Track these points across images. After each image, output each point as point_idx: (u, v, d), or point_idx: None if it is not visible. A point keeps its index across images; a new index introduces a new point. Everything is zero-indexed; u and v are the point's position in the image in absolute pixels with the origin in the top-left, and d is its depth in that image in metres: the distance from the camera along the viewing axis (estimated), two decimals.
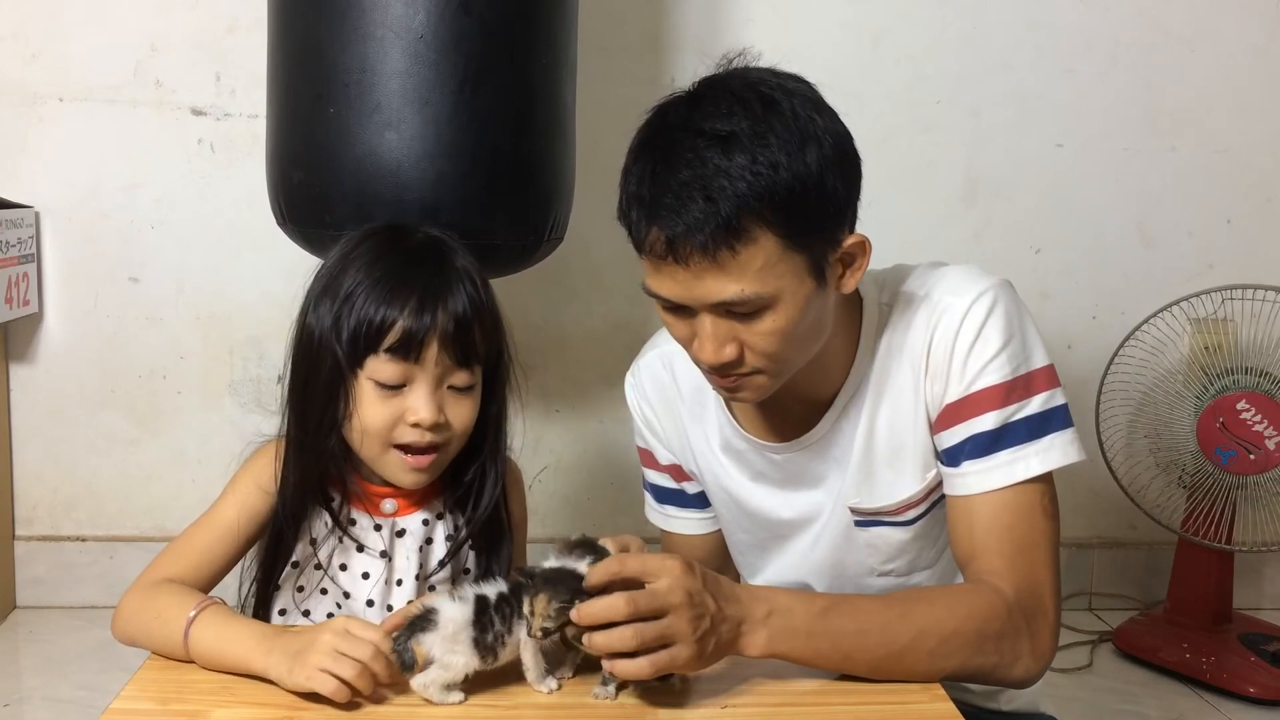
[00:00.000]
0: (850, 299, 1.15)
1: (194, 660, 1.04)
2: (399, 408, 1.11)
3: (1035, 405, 1.11)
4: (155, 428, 2.47)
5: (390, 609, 1.16)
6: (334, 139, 1.62)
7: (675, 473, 1.36)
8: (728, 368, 1.07)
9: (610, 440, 2.52)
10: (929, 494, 1.18)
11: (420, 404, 1.10)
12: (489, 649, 0.96)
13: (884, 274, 1.20)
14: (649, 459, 1.38)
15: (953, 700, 1.00)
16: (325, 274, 1.16)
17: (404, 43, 1.57)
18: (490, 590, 0.98)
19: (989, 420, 1.10)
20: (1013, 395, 1.10)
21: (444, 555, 1.20)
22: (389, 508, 1.19)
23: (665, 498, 1.38)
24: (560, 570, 0.97)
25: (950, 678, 1.04)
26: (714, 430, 1.27)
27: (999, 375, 1.10)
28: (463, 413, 1.14)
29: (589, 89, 1.93)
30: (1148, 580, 2.67)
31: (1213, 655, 2.28)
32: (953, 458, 1.12)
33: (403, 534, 1.19)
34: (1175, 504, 2.36)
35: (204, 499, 1.23)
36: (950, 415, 1.12)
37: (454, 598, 0.98)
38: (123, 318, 2.42)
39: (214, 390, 2.46)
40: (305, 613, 1.18)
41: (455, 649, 0.95)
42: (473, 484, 1.20)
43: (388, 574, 1.18)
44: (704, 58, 1.11)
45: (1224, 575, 2.36)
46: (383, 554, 1.18)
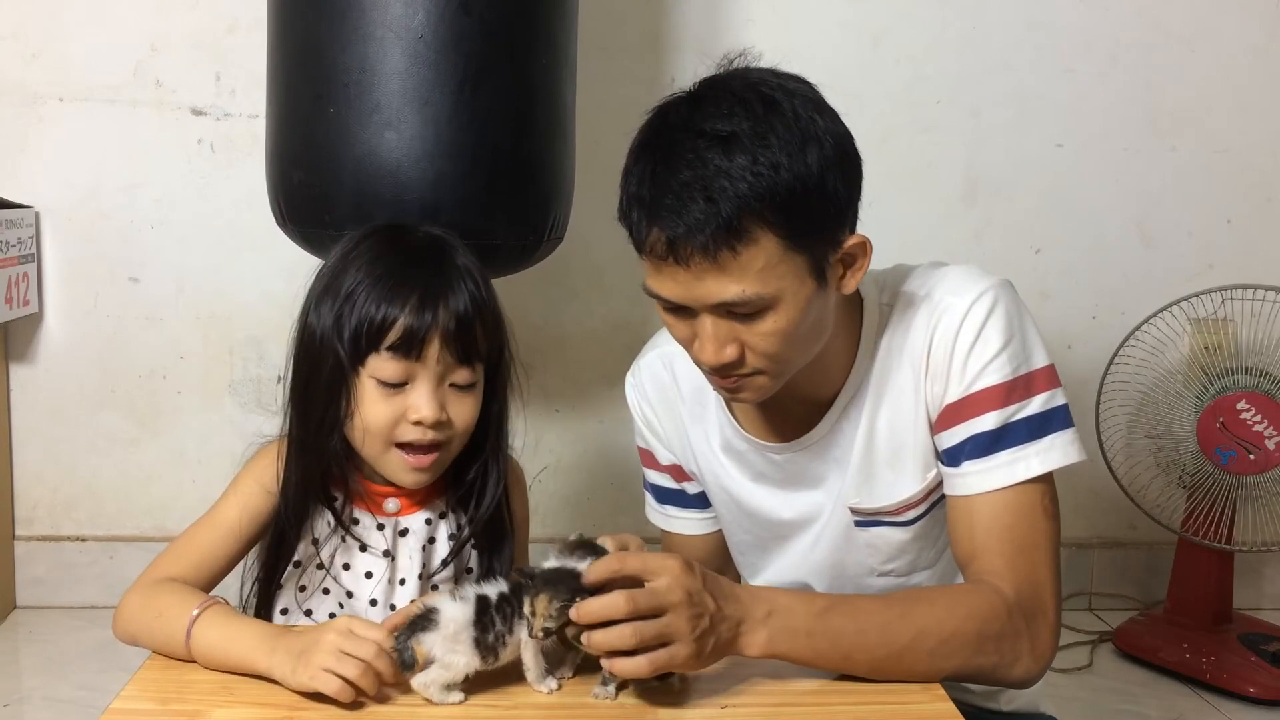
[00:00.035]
0: (851, 299, 1.15)
1: (195, 659, 1.03)
2: (401, 406, 1.11)
3: (1036, 405, 1.11)
4: (155, 428, 2.47)
5: (393, 608, 1.16)
6: (334, 139, 1.62)
7: (675, 473, 1.36)
8: (728, 368, 1.07)
9: (610, 440, 2.52)
10: (929, 494, 1.18)
11: (422, 402, 1.10)
12: (490, 649, 0.96)
13: (884, 274, 1.20)
14: (649, 459, 1.37)
15: (953, 700, 1.00)
16: (326, 273, 1.16)
17: (404, 43, 1.57)
18: (491, 590, 0.98)
19: (989, 420, 1.10)
20: (1013, 395, 1.10)
21: (447, 554, 1.20)
22: (392, 507, 1.19)
23: (666, 498, 1.38)
24: (560, 570, 0.97)
25: (950, 678, 1.04)
26: (714, 430, 1.27)
27: (999, 375, 1.10)
28: (464, 411, 1.14)
29: (589, 89, 1.93)
30: (1148, 580, 2.66)
31: (1213, 655, 2.28)
32: (953, 458, 1.12)
33: (405, 533, 1.19)
34: (1175, 504, 2.36)
35: (204, 499, 1.23)
36: (950, 415, 1.12)
37: (455, 597, 0.98)
38: (123, 318, 2.42)
39: (214, 390, 2.46)
40: (307, 612, 1.18)
41: (456, 649, 0.95)
42: (475, 483, 1.19)
43: (391, 573, 1.18)
44: (704, 58, 1.11)
45: (1224, 575, 2.36)
46: (385, 553, 1.18)
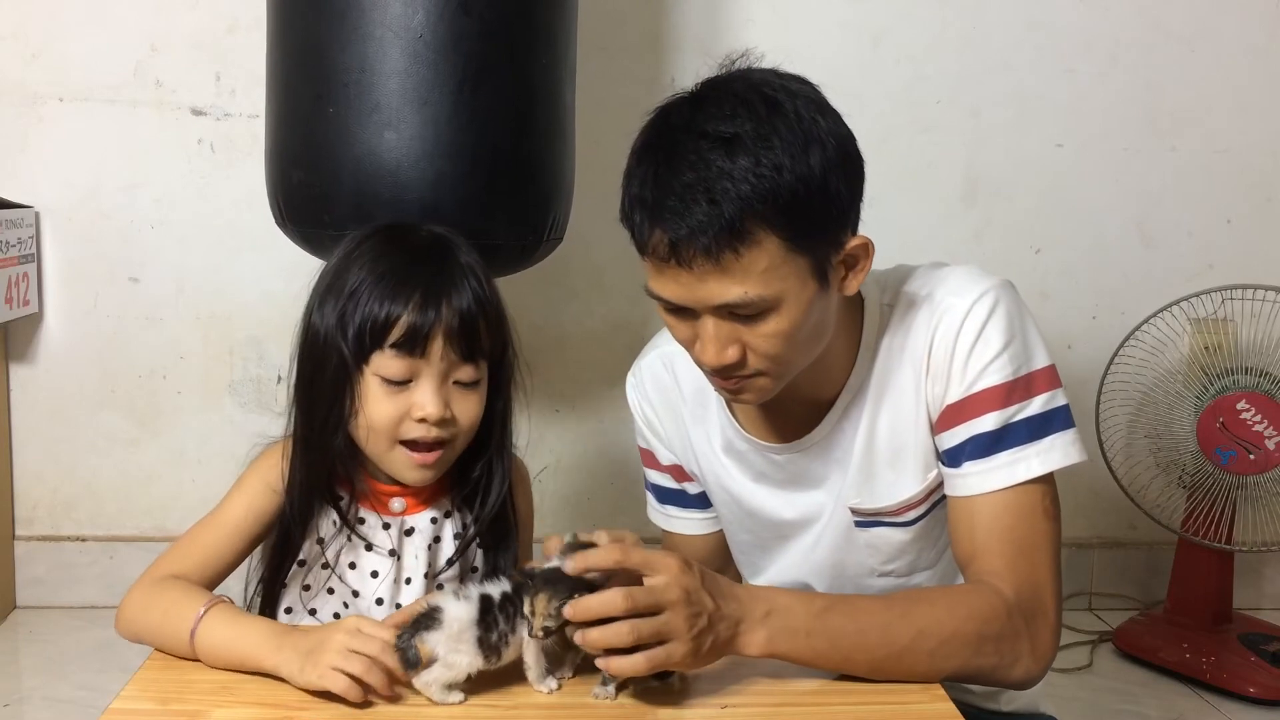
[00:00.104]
0: (852, 300, 1.15)
1: (199, 657, 1.03)
2: (405, 403, 1.11)
3: (1036, 406, 1.11)
4: (155, 428, 2.47)
5: (399, 607, 1.16)
6: (333, 139, 1.62)
7: (676, 473, 1.35)
8: (730, 370, 1.06)
9: (610, 440, 2.52)
10: (929, 494, 1.18)
11: (426, 399, 1.10)
12: (493, 648, 0.96)
13: (885, 275, 1.20)
14: (650, 459, 1.37)
15: (953, 700, 1.00)
16: (329, 272, 1.16)
17: (403, 42, 1.57)
18: (494, 589, 0.98)
19: (990, 421, 1.10)
20: (1013, 396, 1.10)
21: (452, 553, 1.20)
22: (397, 506, 1.19)
23: (667, 498, 1.38)
24: (560, 570, 0.97)
25: (950, 678, 1.04)
26: (715, 431, 1.27)
27: (1000, 376, 1.10)
28: (469, 408, 1.14)
29: (589, 89, 1.93)
30: (1148, 580, 2.66)
31: (1213, 655, 2.28)
32: (953, 458, 1.12)
33: (411, 532, 1.19)
34: (1175, 504, 2.35)
35: (204, 499, 1.23)
36: (951, 416, 1.12)
37: (458, 596, 0.98)
38: (123, 318, 2.42)
39: (214, 390, 2.46)
40: (312, 611, 1.18)
41: (459, 648, 0.96)
42: (480, 481, 1.19)
43: (396, 572, 1.18)
44: (704, 58, 1.11)
45: (1224, 575, 2.36)
46: (391, 552, 1.18)
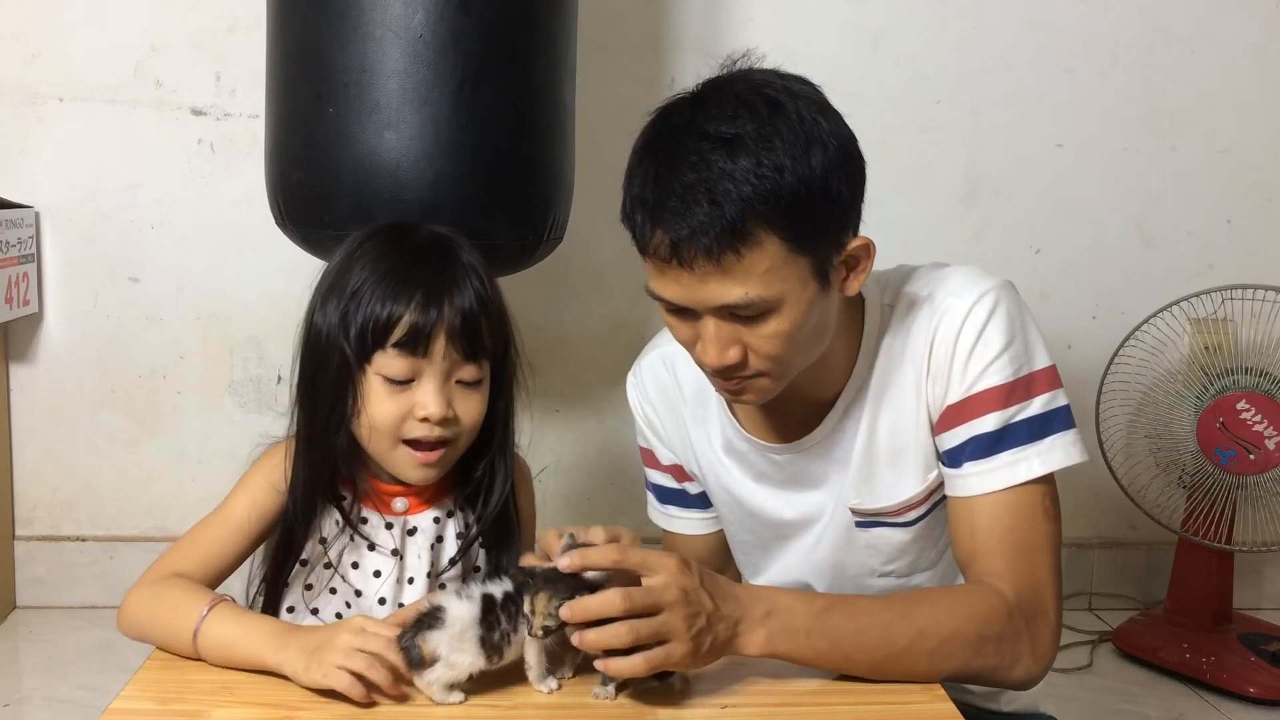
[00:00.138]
0: (852, 300, 1.15)
1: (201, 656, 1.04)
2: (407, 403, 1.11)
3: (1037, 406, 1.11)
4: (155, 428, 2.47)
5: (402, 607, 1.16)
6: (333, 139, 1.62)
7: (677, 473, 1.35)
8: (731, 370, 1.06)
9: (610, 440, 2.52)
10: (930, 495, 1.18)
11: (429, 398, 1.10)
12: (495, 648, 0.96)
13: (886, 275, 1.20)
14: (650, 459, 1.37)
15: (953, 700, 1.00)
16: (332, 272, 1.16)
17: (403, 42, 1.57)
18: (496, 589, 0.98)
19: (990, 421, 1.10)
20: (1014, 396, 1.10)
21: (455, 553, 1.20)
22: (400, 506, 1.19)
23: (667, 498, 1.38)
24: (558, 569, 0.97)
25: (950, 679, 1.04)
26: (716, 431, 1.27)
27: (1000, 376, 1.10)
28: (471, 407, 1.14)
29: (589, 89, 1.93)
30: (1148, 580, 2.67)
31: (1213, 655, 2.28)
32: (954, 459, 1.12)
33: (414, 532, 1.19)
34: (1175, 504, 2.35)
35: (204, 499, 1.23)
36: (951, 416, 1.12)
37: (461, 596, 0.98)
38: (123, 318, 2.42)
39: (214, 390, 2.46)
40: (314, 611, 1.18)
41: (462, 648, 0.96)
42: (482, 480, 1.20)
43: (399, 572, 1.18)
44: (704, 58, 1.11)
45: (1224, 575, 2.36)
46: (394, 552, 1.18)
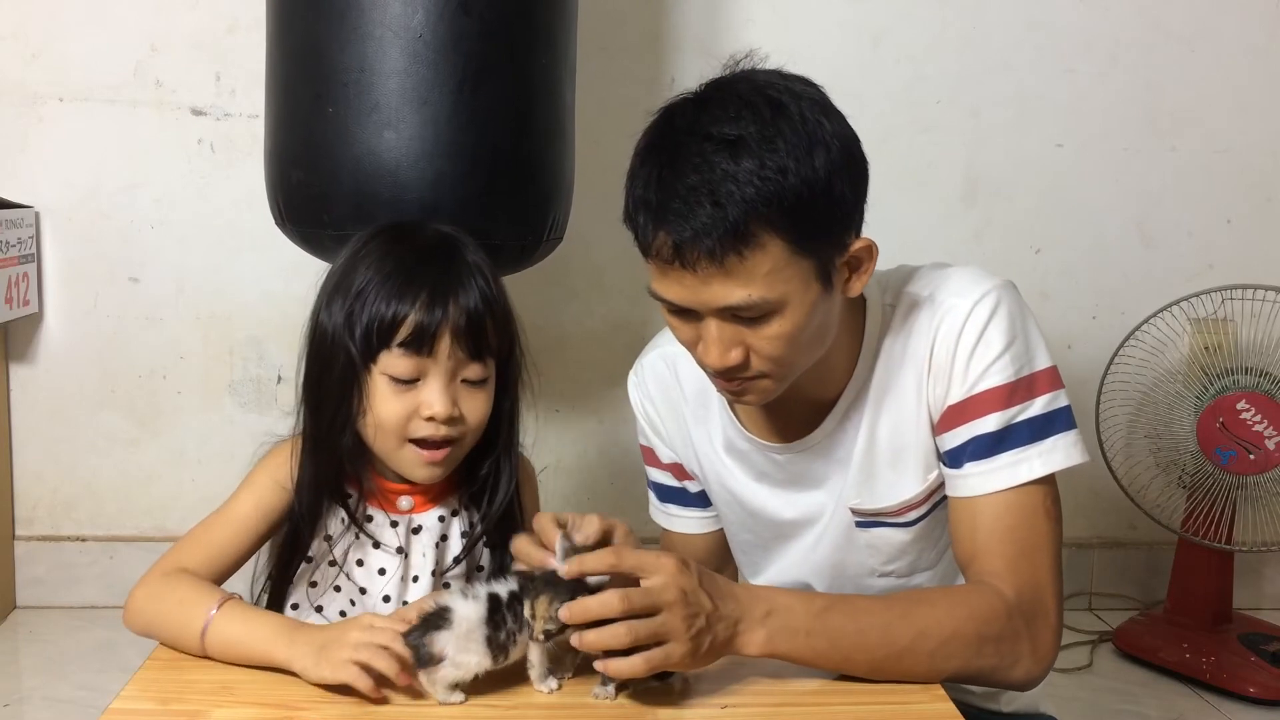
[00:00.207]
0: (854, 301, 1.15)
1: (208, 652, 1.04)
2: (413, 402, 1.11)
3: (1038, 407, 1.11)
4: (155, 428, 2.47)
5: (406, 605, 1.16)
6: (333, 138, 1.62)
7: (677, 471, 1.35)
8: (733, 371, 1.06)
9: (610, 440, 2.52)
10: (930, 495, 1.18)
11: (434, 397, 1.10)
12: (501, 648, 0.96)
13: (887, 275, 1.20)
14: (651, 457, 1.37)
15: (953, 701, 1.00)
16: (337, 272, 1.16)
17: (403, 42, 1.57)
18: (502, 589, 0.98)
19: (991, 422, 1.10)
20: (1015, 397, 1.10)
21: (460, 551, 1.20)
22: (405, 504, 1.19)
23: (667, 496, 1.38)
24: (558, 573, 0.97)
25: (950, 679, 1.04)
26: (717, 430, 1.27)
27: (1001, 377, 1.10)
28: (476, 406, 1.14)
29: (589, 89, 1.93)
30: (1148, 580, 2.67)
31: (1213, 655, 2.28)
32: (955, 459, 1.12)
33: (419, 530, 1.19)
34: (1175, 504, 2.36)
35: (204, 499, 1.23)
36: (952, 417, 1.12)
37: (467, 596, 0.98)
38: (123, 318, 2.42)
39: (214, 390, 2.46)
40: (318, 608, 1.18)
41: (469, 647, 0.96)
42: (487, 479, 1.20)
43: (404, 570, 1.18)
44: (704, 57, 1.11)
45: (1224, 575, 2.36)
46: (399, 550, 1.18)
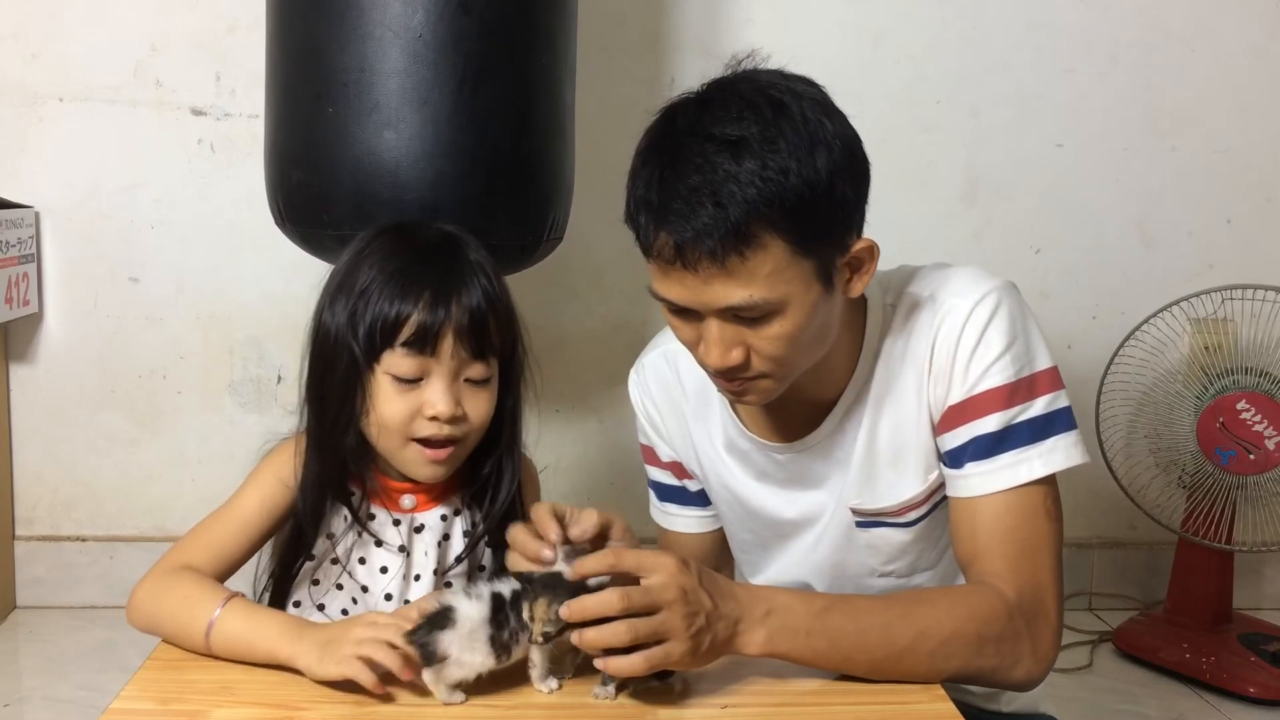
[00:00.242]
0: (855, 301, 1.15)
1: (212, 649, 1.04)
2: (416, 401, 1.11)
3: (1039, 407, 1.11)
4: (155, 428, 2.47)
5: (408, 604, 1.16)
6: (332, 138, 1.62)
7: (676, 470, 1.35)
8: (734, 371, 1.06)
9: (610, 440, 2.52)
10: (930, 495, 1.18)
11: (437, 397, 1.10)
12: (504, 647, 0.96)
13: (888, 275, 1.20)
14: (651, 456, 1.37)
15: (953, 701, 1.00)
16: (340, 271, 1.16)
17: (403, 42, 1.57)
18: (505, 588, 0.98)
19: (992, 422, 1.10)
20: (1016, 397, 1.10)
21: (461, 551, 1.20)
22: (408, 503, 1.19)
23: (666, 495, 1.38)
24: (557, 574, 0.97)
25: (950, 679, 1.04)
26: (718, 429, 1.27)
27: (1002, 377, 1.10)
28: (480, 405, 1.14)
29: (589, 89, 1.93)
30: (1148, 580, 2.67)
31: (1213, 655, 2.28)
32: (955, 459, 1.12)
33: (421, 529, 1.19)
34: (1175, 504, 2.36)
35: (204, 499, 1.23)
36: (953, 417, 1.12)
37: (470, 596, 0.98)
38: (123, 318, 2.42)
39: (214, 390, 2.46)
40: (320, 607, 1.19)
41: (473, 646, 0.96)
42: (489, 478, 1.20)
43: (406, 569, 1.18)
44: (704, 57, 1.11)
45: (1224, 575, 2.36)
46: (401, 549, 1.18)
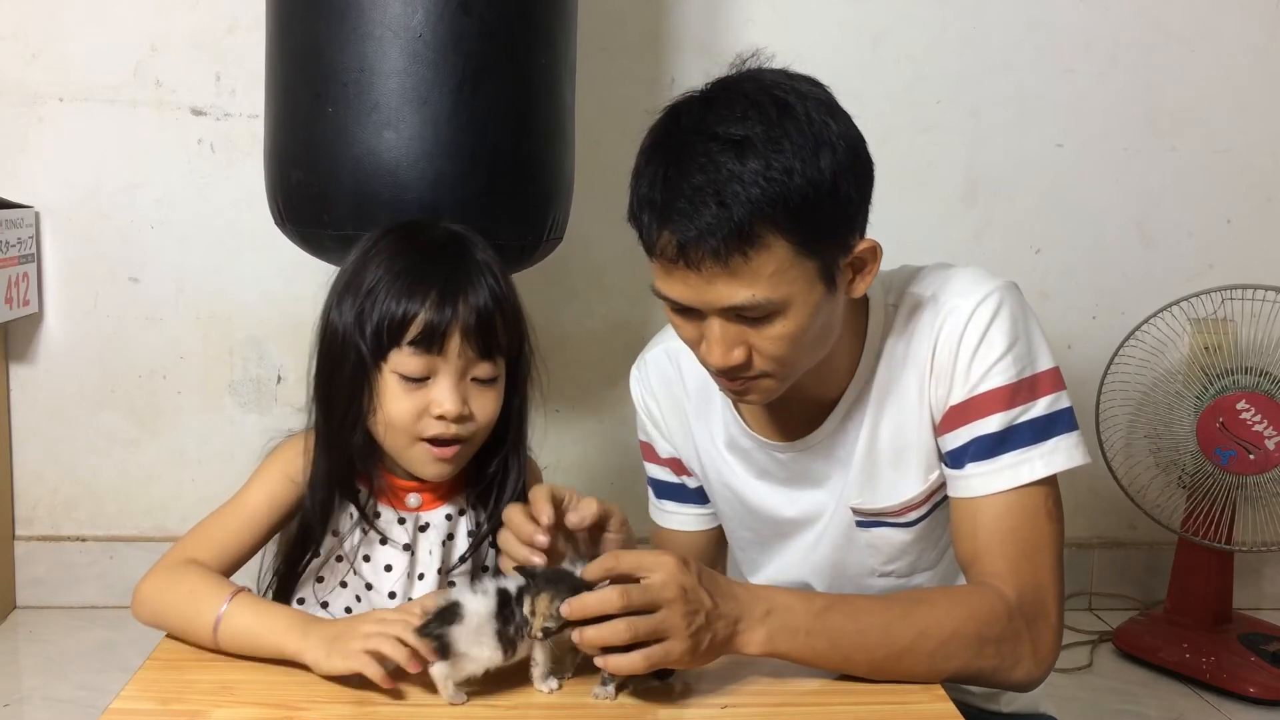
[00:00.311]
0: (857, 301, 1.15)
1: (219, 644, 1.04)
2: (423, 400, 1.11)
3: (1040, 408, 1.11)
4: (155, 428, 2.47)
5: (410, 601, 1.16)
6: (332, 138, 1.62)
7: (675, 466, 1.35)
8: (735, 371, 1.06)
9: (610, 440, 2.52)
10: (931, 495, 1.18)
11: (444, 396, 1.10)
12: (510, 642, 0.97)
13: (890, 275, 1.20)
14: (650, 452, 1.37)
15: (953, 701, 1.00)
16: (347, 271, 1.16)
17: (402, 42, 1.57)
18: (510, 584, 0.98)
19: (993, 423, 1.10)
20: (1018, 398, 1.10)
21: (465, 550, 1.20)
22: (413, 502, 1.19)
23: (664, 492, 1.38)
24: (561, 570, 0.98)
25: (950, 679, 1.04)
26: (719, 428, 1.27)
27: (1004, 378, 1.10)
28: (486, 405, 1.14)
29: (589, 89, 1.93)
30: (1148, 580, 2.67)
31: (1213, 655, 2.28)
32: (957, 460, 1.12)
33: (426, 528, 1.19)
34: (1175, 504, 2.36)
35: (204, 499, 1.23)
36: (955, 417, 1.12)
37: (476, 591, 0.98)
38: (123, 318, 2.42)
39: (214, 390, 2.46)
40: (324, 604, 1.19)
41: (480, 641, 0.96)
42: (495, 478, 1.20)
43: (410, 567, 1.18)
44: (704, 57, 1.11)
45: (1224, 575, 2.36)
46: (405, 547, 1.18)
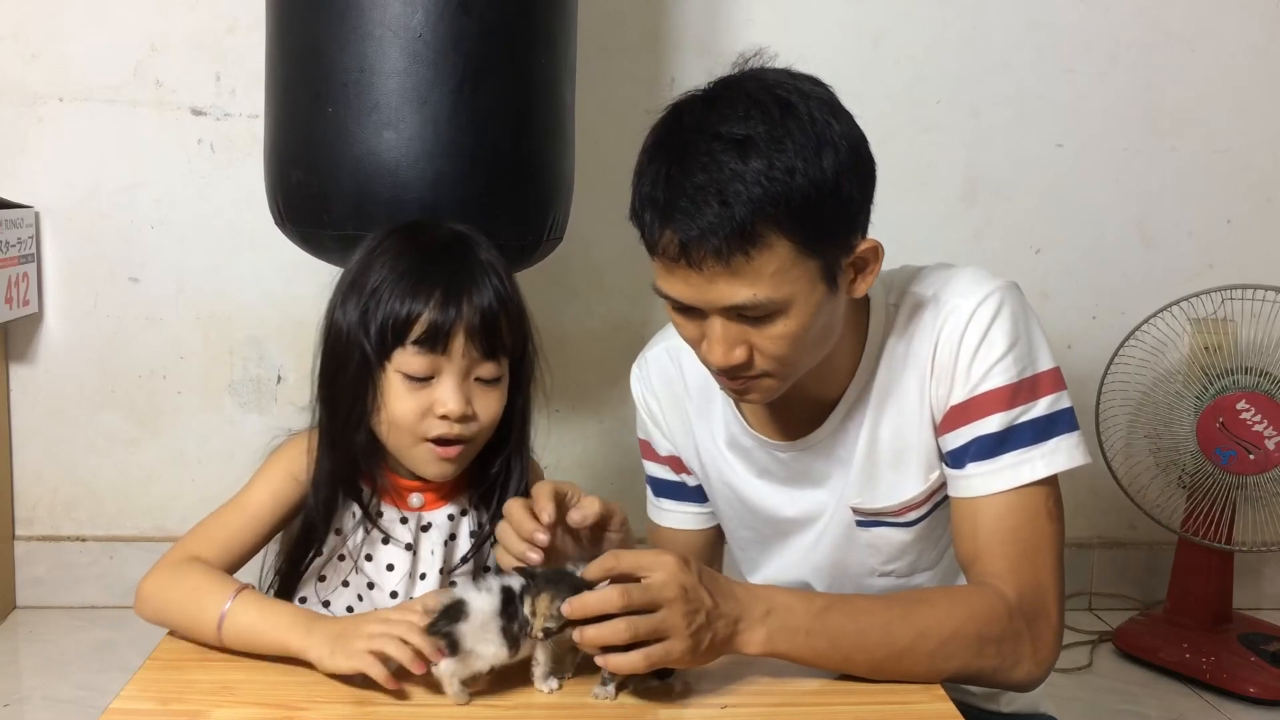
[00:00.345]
0: (858, 301, 1.15)
1: (223, 641, 1.04)
2: (427, 400, 1.11)
3: (1041, 408, 1.11)
4: (155, 428, 2.47)
5: (412, 600, 1.16)
6: (332, 138, 1.62)
7: (674, 464, 1.35)
8: (736, 370, 1.06)
9: (610, 440, 2.52)
10: (931, 495, 1.18)
11: (448, 395, 1.11)
12: (515, 639, 0.97)
13: (891, 275, 1.20)
14: (648, 451, 1.37)
15: (953, 701, 1.00)
16: (351, 270, 1.17)
17: (402, 42, 1.57)
18: (514, 582, 0.98)
19: (994, 422, 1.10)
20: (1018, 398, 1.10)
21: (468, 550, 1.20)
22: (416, 502, 1.19)
23: (663, 490, 1.38)
24: (561, 571, 0.98)
25: (951, 679, 1.04)
26: (720, 427, 1.27)
27: (1005, 378, 1.10)
28: (490, 405, 1.14)
29: (589, 89, 1.93)
30: (1148, 580, 2.67)
31: (1213, 655, 2.28)
32: (957, 460, 1.12)
33: (428, 528, 1.19)
34: (1175, 504, 2.36)
35: (204, 499, 1.23)
36: (955, 417, 1.12)
37: (480, 589, 0.98)
38: (123, 318, 2.42)
39: (214, 390, 2.46)
40: (325, 603, 1.19)
41: (485, 638, 0.96)
42: (498, 478, 1.20)
43: (412, 567, 1.18)
44: (704, 57, 1.11)
45: (1224, 575, 2.36)
46: (408, 547, 1.18)
